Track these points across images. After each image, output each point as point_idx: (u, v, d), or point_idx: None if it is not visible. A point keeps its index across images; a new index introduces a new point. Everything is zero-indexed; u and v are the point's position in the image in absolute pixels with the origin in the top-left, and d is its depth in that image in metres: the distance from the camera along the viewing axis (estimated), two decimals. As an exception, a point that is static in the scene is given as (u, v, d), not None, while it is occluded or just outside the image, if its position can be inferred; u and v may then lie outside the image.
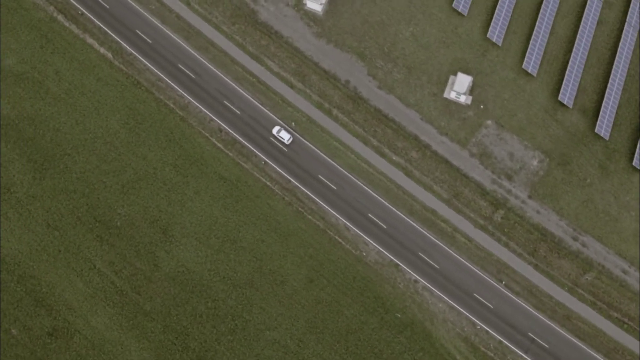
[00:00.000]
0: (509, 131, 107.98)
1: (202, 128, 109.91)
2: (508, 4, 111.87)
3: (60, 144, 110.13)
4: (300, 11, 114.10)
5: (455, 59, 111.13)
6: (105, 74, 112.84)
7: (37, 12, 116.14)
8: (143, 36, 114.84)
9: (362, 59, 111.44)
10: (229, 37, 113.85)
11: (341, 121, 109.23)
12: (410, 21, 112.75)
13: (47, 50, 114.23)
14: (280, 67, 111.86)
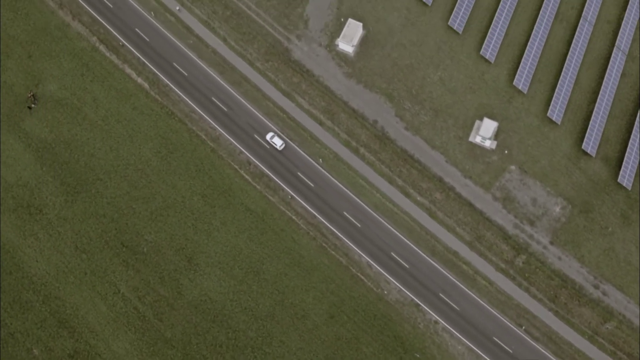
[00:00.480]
0: (532, 177, 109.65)
1: (232, 160, 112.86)
2: (534, 53, 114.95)
3: (93, 169, 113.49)
4: (332, 52, 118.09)
5: (481, 104, 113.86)
6: (141, 103, 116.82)
7: (80, 42, 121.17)
8: (179, 69, 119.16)
9: (391, 100, 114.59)
10: (262, 73, 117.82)
11: (368, 160, 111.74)
12: (438, 66, 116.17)
13: (87, 78, 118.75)
14: (311, 105, 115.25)
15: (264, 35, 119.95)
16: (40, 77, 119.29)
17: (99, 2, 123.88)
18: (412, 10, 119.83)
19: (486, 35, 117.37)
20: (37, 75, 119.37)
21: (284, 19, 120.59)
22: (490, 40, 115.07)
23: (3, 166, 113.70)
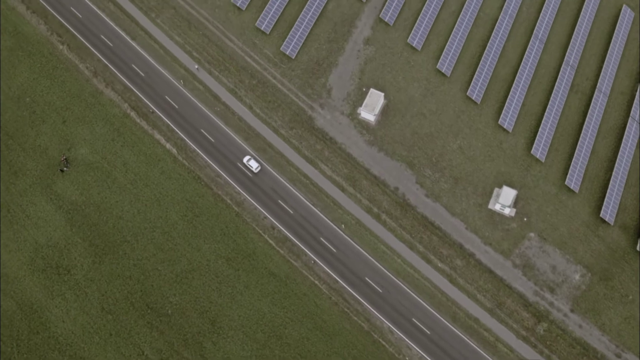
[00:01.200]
0: (552, 244, 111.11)
1: (256, 224, 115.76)
2: (551, 123, 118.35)
3: (121, 231, 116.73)
4: (354, 120, 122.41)
5: (500, 172, 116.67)
6: (169, 168, 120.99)
7: (112, 108, 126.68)
8: (207, 135, 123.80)
9: (411, 168, 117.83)
10: (286, 140, 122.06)
11: (389, 226, 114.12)
12: (457, 135, 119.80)
13: (118, 143, 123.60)
14: (333, 171, 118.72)
15: (289, 103, 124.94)
16: (73, 142, 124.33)
17: (131, 71, 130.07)
18: (432, 81, 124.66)
19: (504, 106, 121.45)
20: (70, 140, 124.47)
21: (307, 88, 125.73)
22: (507, 110, 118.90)
23: (34, 227, 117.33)
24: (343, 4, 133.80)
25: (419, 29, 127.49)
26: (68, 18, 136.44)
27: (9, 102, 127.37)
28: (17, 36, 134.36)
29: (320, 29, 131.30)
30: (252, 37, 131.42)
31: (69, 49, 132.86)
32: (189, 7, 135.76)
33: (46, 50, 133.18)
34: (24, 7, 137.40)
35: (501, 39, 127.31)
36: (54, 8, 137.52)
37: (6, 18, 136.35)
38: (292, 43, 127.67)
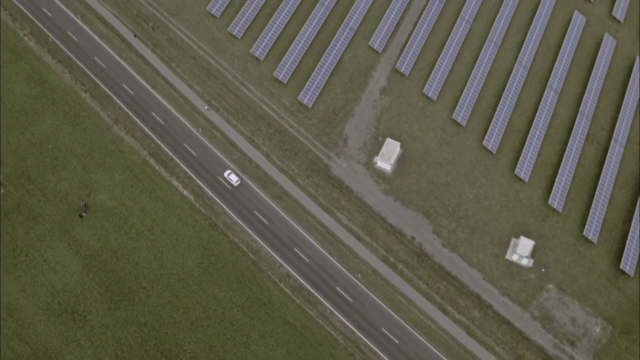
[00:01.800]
0: (571, 296, 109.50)
1: (272, 273, 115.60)
2: (567, 173, 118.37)
3: (137, 278, 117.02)
4: (370, 169, 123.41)
5: (517, 222, 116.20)
6: (186, 215, 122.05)
7: (131, 155, 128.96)
8: (224, 182, 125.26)
9: (428, 217, 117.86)
10: (303, 188, 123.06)
11: (405, 276, 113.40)
12: (474, 184, 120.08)
13: (136, 190, 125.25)
14: (349, 220, 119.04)
15: (305, 152, 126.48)
16: (93, 187, 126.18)
17: (150, 119, 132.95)
18: (447, 131, 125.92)
19: (520, 155, 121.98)
20: (89, 185, 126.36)
21: (324, 137, 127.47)
22: (524, 160, 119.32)
23: (51, 272, 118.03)
24: (359, 54, 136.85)
25: (434, 80, 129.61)
26: (92, 67, 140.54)
27: (32, 148, 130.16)
28: (42, 85, 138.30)
29: (336, 78, 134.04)
30: (269, 87, 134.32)
31: (92, 97, 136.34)
32: (208, 57, 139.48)
33: (70, 98, 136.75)
34: (50, 57, 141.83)
35: (516, 89, 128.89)
36: (78, 58, 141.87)
37: (33, 67, 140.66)
38: (309, 92, 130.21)
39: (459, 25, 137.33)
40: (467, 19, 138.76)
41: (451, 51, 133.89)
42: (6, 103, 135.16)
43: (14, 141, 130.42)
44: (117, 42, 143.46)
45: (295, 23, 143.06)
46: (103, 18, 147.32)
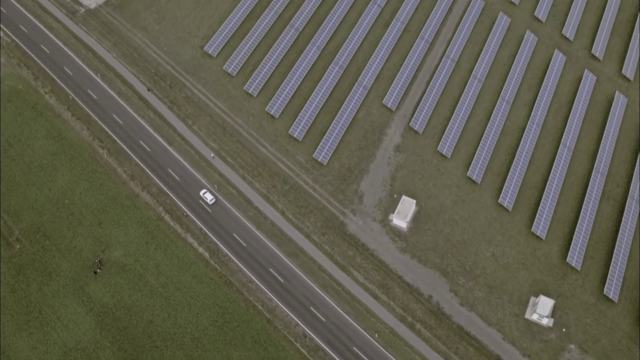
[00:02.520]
0: (593, 357, 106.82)
1: (288, 332, 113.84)
2: (585, 231, 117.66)
3: (151, 336, 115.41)
4: (386, 226, 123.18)
5: (535, 281, 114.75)
6: (201, 272, 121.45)
7: (147, 211, 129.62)
8: (239, 239, 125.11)
9: (445, 275, 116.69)
10: (319, 246, 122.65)
11: (423, 336, 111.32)
12: (490, 242, 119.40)
13: (151, 246, 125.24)
14: (366, 278, 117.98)
15: (321, 209, 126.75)
16: (108, 243, 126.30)
17: (166, 175, 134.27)
18: (462, 188, 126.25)
19: (536, 213, 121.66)
20: (104, 242, 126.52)
21: (339, 194, 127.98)
22: (540, 217, 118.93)
23: (64, 330, 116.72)
24: (373, 112, 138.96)
25: (448, 137, 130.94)
26: (110, 124, 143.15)
27: (49, 203, 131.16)
28: (61, 141, 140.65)
29: (351, 136, 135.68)
30: (285, 144, 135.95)
31: (109, 154, 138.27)
32: (224, 115, 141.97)
33: (87, 154, 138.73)
34: (69, 114, 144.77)
35: (529, 147, 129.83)
36: (97, 115, 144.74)
37: (52, 124, 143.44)
38: (324, 150, 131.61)
39: (471, 84, 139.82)
40: (479, 78, 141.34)
41: (464, 109, 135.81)
42: (25, 159, 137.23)
43: (31, 197, 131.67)
44: (135, 99, 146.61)
45: (310, 81, 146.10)
46: (122, 76, 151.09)
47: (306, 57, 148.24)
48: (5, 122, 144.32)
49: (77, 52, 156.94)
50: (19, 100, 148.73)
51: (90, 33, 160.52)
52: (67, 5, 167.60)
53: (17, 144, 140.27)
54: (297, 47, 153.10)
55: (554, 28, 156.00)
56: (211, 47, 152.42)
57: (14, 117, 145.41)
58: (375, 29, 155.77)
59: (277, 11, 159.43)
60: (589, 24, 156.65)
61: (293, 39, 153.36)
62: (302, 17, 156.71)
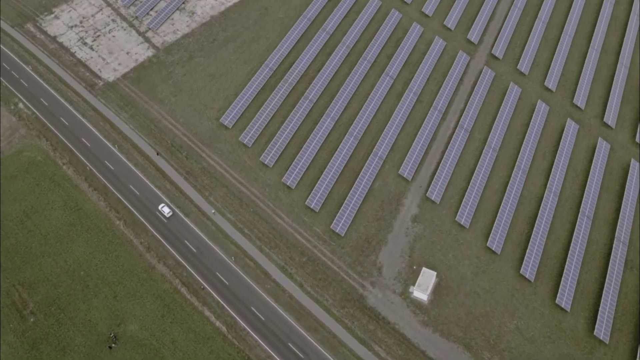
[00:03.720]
0: None
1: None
2: (610, 301, 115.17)
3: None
4: (406, 299, 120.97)
5: (562, 355, 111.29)
6: (218, 347, 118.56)
7: (163, 283, 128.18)
8: (257, 313, 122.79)
9: (469, 350, 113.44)
10: (338, 319, 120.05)
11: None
12: (513, 314, 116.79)
13: (167, 320, 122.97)
14: (388, 353, 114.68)
15: (339, 281, 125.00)
16: (124, 317, 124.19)
17: (183, 247, 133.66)
18: (482, 259, 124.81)
19: (558, 284, 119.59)
20: (120, 315, 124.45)
21: (358, 266, 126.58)
22: (563, 288, 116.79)
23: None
24: (389, 182, 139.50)
25: (466, 207, 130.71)
26: (126, 195, 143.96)
27: (64, 275, 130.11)
28: (78, 212, 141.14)
29: (368, 206, 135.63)
30: (301, 215, 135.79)
31: (125, 225, 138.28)
32: (240, 186, 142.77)
33: (104, 225, 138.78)
34: (87, 185, 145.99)
35: (548, 216, 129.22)
36: (114, 186, 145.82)
37: (69, 195, 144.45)
38: (341, 221, 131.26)
39: (486, 153, 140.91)
40: (493, 147, 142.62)
41: (480, 179, 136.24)
42: (42, 230, 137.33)
43: (47, 268, 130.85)
44: (151, 170, 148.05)
45: (325, 152, 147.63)
46: (139, 147, 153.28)
47: (321, 128, 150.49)
48: (24, 193, 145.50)
49: (95, 124, 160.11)
50: (37, 171, 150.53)
51: (109, 105, 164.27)
52: (87, 78, 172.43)
53: (34, 215, 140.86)
54: (312, 118, 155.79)
55: (565, 97, 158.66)
56: (227, 118, 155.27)
57: (32, 188, 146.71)
58: (388, 99, 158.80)
59: (291, 83, 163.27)
60: (599, 93, 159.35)
61: (307, 110, 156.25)
62: (315, 89, 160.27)
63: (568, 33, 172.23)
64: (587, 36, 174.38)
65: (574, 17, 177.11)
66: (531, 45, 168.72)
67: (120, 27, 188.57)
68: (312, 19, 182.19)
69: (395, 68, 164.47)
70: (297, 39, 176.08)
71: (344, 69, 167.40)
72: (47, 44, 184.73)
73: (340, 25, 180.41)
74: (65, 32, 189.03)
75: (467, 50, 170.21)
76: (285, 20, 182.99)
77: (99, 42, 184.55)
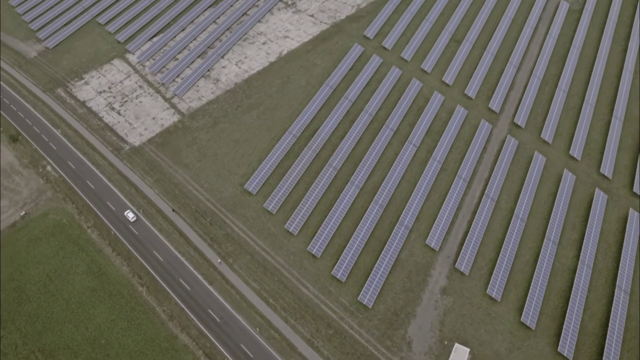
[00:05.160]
0: None
1: None
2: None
3: None
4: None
5: None
6: None
7: (186, 354, 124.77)
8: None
9: None
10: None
11: None
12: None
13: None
14: None
15: (368, 356, 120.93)
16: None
17: (207, 316, 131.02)
18: (516, 334, 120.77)
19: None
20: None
21: (386, 339, 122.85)
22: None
23: None
24: (416, 252, 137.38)
25: (497, 280, 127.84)
26: (150, 261, 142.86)
27: (85, 343, 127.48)
28: (101, 277, 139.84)
29: (395, 277, 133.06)
30: (327, 285, 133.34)
31: (148, 292, 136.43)
32: (264, 254, 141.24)
33: (126, 291, 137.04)
34: (110, 249, 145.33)
35: (583, 290, 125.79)
36: (137, 251, 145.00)
37: (93, 259, 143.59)
38: (368, 292, 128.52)
39: (514, 224, 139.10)
40: (521, 217, 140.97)
41: (510, 250, 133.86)
42: (64, 295, 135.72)
43: (67, 335, 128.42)
44: (175, 236, 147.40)
45: (350, 221, 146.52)
46: (163, 212, 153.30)
47: (345, 196, 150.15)
48: (47, 256, 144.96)
49: (120, 188, 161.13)
50: (62, 234, 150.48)
51: (134, 169, 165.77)
52: (113, 142, 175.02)
53: (57, 278, 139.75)
54: (336, 185, 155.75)
55: (591, 166, 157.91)
56: (251, 184, 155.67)
57: (56, 251, 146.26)
58: (411, 167, 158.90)
59: (315, 150, 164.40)
60: (625, 162, 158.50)
61: (332, 177, 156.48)
62: (339, 156, 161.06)
63: (589, 102, 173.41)
64: (609, 105, 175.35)
65: (594, 87, 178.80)
66: (553, 113, 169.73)
67: (147, 93, 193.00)
68: (334, 87, 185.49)
69: (418, 136, 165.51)
70: (319, 107, 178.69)
71: (367, 137, 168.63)
72: (76, 109, 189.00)
73: (362, 93, 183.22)
74: (94, 97, 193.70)
75: (488, 119, 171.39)
76: (308, 88, 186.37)
77: (126, 107, 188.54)
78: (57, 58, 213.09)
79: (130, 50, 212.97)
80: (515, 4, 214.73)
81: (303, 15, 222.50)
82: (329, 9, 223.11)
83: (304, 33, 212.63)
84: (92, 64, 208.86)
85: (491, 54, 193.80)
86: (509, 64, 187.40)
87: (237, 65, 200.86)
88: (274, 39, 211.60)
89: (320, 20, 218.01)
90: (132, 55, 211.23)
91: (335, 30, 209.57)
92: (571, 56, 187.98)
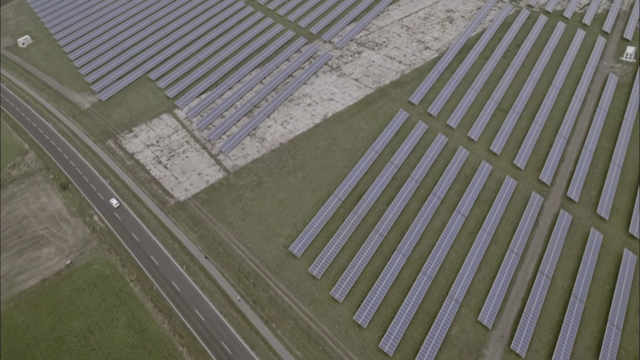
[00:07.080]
0: None
1: None
2: None
3: None
4: None
5: None
6: None
7: None
8: None
9: None
10: None
11: None
12: None
13: None
14: None
15: None
16: None
17: None
18: None
19: None
20: None
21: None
22: None
23: None
24: (467, 330, 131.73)
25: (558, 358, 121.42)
26: (191, 320, 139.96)
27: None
28: (141, 333, 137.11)
29: (445, 355, 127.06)
30: (374, 359, 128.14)
31: (189, 352, 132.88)
32: (308, 320, 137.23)
33: (166, 350, 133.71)
34: (152, 305, 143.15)
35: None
36: (179, 309, 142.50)
37: (134, 314, 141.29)
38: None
39: (573, 304, 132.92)
40: (580, 298, 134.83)
41: (569, 333, 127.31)
42: (104, 349, 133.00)
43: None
44: (218, 295, 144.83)
45: (397, 291, 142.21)
46: (206, 270, 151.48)
47: (392, 264, 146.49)
48: (89, 308, 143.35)
49: (164, 242, 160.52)
50: (105, 286, 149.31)
51: (179, 224, 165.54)
52: (159, 196, 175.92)
53: (98, 332, 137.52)
54: (382, 252, 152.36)
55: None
56: (296, 247, 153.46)
57: (98, 303, 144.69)
58: (460, 238, 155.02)
59: (360, 215, 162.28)
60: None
61: (378, 244, 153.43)
62: (385, 223, 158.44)
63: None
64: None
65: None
66: (608, 188, 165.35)
67: (194, 148, 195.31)
68: (379, 151, 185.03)
69: (466, 206, 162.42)
70: (365, 171, 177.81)
71: (414, 204, 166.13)
72: (125, 160, 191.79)
73: (408, 159, 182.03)
74: (142, 150, 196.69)
75: (539, 191, 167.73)
76: (353, 151, 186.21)
77: (172, 161, 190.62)
78: (109, 110, 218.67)
79: (179, 106, 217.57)
80: (562, 75, 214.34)
81: (347, 78, 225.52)
82: (374, 73, 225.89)
83: (348, 96, 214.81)
84: (141, 117, 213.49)
85: (539, 124, 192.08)
86: (559, 136, 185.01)
87: (282, 125, 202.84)
88: (319, 101, 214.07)
89: (364, 85, 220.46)
90: (180, 111, 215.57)
91: (379, 95, 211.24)
92: (624, 130, 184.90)
